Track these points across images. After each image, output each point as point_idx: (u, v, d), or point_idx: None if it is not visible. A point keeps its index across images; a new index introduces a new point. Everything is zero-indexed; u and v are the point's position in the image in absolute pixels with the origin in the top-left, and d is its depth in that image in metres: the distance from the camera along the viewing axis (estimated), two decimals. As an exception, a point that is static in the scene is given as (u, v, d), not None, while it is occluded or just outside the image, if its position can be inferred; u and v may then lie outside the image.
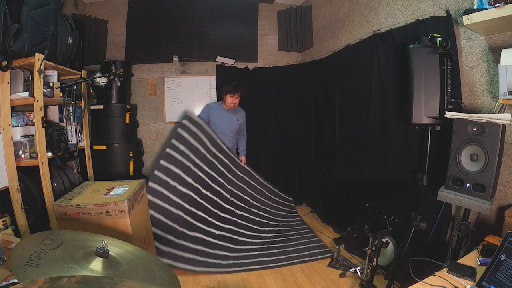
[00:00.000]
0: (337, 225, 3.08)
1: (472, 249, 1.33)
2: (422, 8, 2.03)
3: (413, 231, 1.76)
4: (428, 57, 1.56)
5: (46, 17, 1.95)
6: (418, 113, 1.61)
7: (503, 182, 1.61)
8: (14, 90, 1.89)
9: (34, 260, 0.83)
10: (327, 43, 3.38)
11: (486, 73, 1.68)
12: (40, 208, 2.01)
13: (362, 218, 1.74)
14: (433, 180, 1.75)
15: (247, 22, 3.95)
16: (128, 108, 3.21)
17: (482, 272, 1.05)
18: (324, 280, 2.20)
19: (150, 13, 3.68)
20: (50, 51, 2.06)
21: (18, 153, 1.93)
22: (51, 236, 0.99)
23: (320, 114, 3.48)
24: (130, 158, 3.20)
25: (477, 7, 1.44)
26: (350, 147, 2.89)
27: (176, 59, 3.78)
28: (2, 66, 1.70)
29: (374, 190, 2.46)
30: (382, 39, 2.36)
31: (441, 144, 1.80)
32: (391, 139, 2.32)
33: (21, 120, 2.03)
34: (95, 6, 3.60)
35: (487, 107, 1.68)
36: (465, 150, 1.46)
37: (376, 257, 1.84)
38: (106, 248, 0.97)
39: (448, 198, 1.51)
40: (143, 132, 3.83)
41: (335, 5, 3.18)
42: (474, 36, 1.72)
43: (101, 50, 3.56)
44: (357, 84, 2.72)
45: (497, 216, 1.65)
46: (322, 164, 3.46)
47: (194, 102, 3.90)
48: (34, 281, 0.65)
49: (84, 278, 0.74)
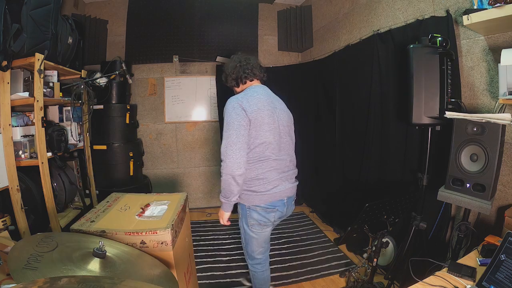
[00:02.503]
0: (337, 225, 3.08)
1: (472, 249, 1.32)
2: (422, 8, 2.03)
3: (413, 231, 1.76)
4: (428, 57, 1.56)
5: (46, 17, 1.95)
6: (418, 113, 1.61)
7: (503, 182, 1.61)
8: (14, 90, 1.89)
9: (32, 263, 0.83)
10: (327, 43, 3.38)
11: (486, 73, 1.67)
12: (40, 208, 2.00)
13: (362, 218, 1.73)
14: (433, 180, 1.75)
15: (247, 22, 3.95)
16: (128, 108, 3.21)
17: (482, 272, 1.05)
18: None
19: (150, 13, 3.68)
20: (50, 51, 2.06)
21: (18, 153, 1.93)
22: (45, 238, 0.99)
23: (320, 114, 3.48)
24: (130, 158, 3.20)
25: (477, 7, 1.44)
26: (350, 147, 2.89)
27: (176, 59, 3.78)
28: (2, 66, 1.70)
29: (374, 190, 2.46)
30: (382, 39, 2.36)
31: (441, 144, 1.80)
32: (391, 139, 2.32)
33: (21, 120, 2.03)
34: (95, 6, 3.60)
35: (487, 107, 1.68)
36: (465, 150, 1.45)
37: (376, 257, 1.84)
38: (103, 249, 0.97)
39: (448, 198, 1.51)
40: (143, 132, 3.83)
41: (335, 5, 3.18)
42: (474, 36, 1.72)
43: (101, 50, 3.56)
44: (357, 84, 2.72)
45: (497, 216, 1.65)
46: (322, 163, 3.46)
47: (194, 102, 3.91)
48: (34, 281, 0.65)
49: (84, 278, 0.75)
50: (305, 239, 2.96)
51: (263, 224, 1.61)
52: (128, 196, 1.71)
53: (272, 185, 1.56)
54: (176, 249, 1.35)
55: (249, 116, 1.46)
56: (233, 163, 1.43)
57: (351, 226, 1.83)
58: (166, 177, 3.95)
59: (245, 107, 1.47)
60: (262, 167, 1.54)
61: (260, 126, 1.49)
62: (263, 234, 1.67)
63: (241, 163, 1.44)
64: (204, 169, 4.04)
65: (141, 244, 1.24)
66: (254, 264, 1.77)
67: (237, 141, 1.43)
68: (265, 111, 1.51)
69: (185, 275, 1.51)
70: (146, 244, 1.25)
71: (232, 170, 1.43)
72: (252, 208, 1.57)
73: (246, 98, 1.51)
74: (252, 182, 1.55)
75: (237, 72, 1.64)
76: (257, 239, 1.67)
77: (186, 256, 1.59)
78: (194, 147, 4.00)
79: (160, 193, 1.73)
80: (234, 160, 1.42)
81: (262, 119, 1.49)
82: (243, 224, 1.67)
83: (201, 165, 4.03)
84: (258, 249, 1.72)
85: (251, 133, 1.49)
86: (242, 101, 1.49)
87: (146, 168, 3.79)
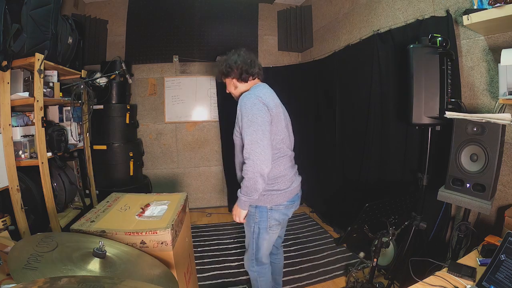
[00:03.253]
0: (337, 225, 3.08)
1: (472, 249, 1.32)
2: (422, 8, 2.03)
3: (413, 231, 1.76)
4: (428, 57, 1.56)
5: (46, 17, 1.95)
6: (418, 113, 1.61)
7: (503, 182, 1.61)
8: (14, 90, 1.89)
9: (32, 263, 0.83)
10: (327, 43, 3.38)
11: (486, 73, 1.67)
12: (40, 208, 2.00)
13: (362, 218, 1.73)
14: (433, 180, 1.75)
15: (247, 22, 3.95)
16: (128, 108, 3.21)
17: (482, 272, 1.05)
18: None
19: (150, 13, 3.67)
20: (50, 51, 2.06)
21: (18, 153, 1.93)
22: (45, 238, 0.99)
23: (320, 114, 3.48)
24: (130, 158, 3.20)
25: (477, 7, 1.44)
26: (350, 147, 2.89)
27: (176, 59, 3.78)
28: (2, 66, 1.70)
29: (374, 190, 2.46)
30: (382, 39, 2.36)
31: (441, 144, 1.80)
32: (391, 139, 2.32)
33: (21, 120, 2.03)
34: (95, 6, 3.60)
35: (487, 107, 1.68)
36: (465, 150, 1.45)
37: (376, 257, 1.84)
38: (103, 249, 0.97)
39: (448, 198, 1.51)
40: (143, 132, 3.83)
41: (335, 5, 3.18)
42: (474, 36, 1.71)
43: (101, 50, 3.56)
44: (357, 84, 2.72)
45: (497, 216, 1.65)
46: (322, 163, 3.46)
47: (194, 102, 3.91)
48: (34, 281, 0.65)
49: (84, 278, 0.75)
50: (311, 240, 2.96)
51: (282, 222, 1.62)
52: (128, 196, 1.70)
53: (291, 181, 1.58)
54: (176, 249, 1.34)
55: (270, 112, 1.44)
56: (261, 160, 1.36)
57: (351, 226, 1.83)
58: (166, 177, 3.95)
59: (267, 102, 1.44)
60: (283, 163, 1.54)
61: (279, 122, 1.48)
62: (276, 234, 1.66)
63: (269, 160, 1.39)
64: (204, 169, 4.04)
65: (141, 244, 1.24)
66: (261, 270, 1.72)
67: (263, 137, 1.38)
68: (280, 107, 1.54)
69: (185, 275, 1.50)
70: (146, 244, 1.24)
71: (260, 168, 1.37)
72: (274, 208, 1.54)
73: (263, 93, 1.48)
74: (275, 180, 1.52)
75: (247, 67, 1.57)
76: (268, 240, 1.64)
77: (186, 256, 1.58)
78: (194, 147, 4.00)
79: (160, 193, 1.73)
80: (262, 157, 1.37)
81: (280, 114, 1.50)
82: (260, 229, 1.58)
83: (201, 165, 4.03)
84: (267, 252, 1.69)
85: (272, 129, 1.45)
86: (261, 96, 1.45)
87: (146, 168, 3.79)
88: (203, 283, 2.25)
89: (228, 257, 2.65)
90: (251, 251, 1.69)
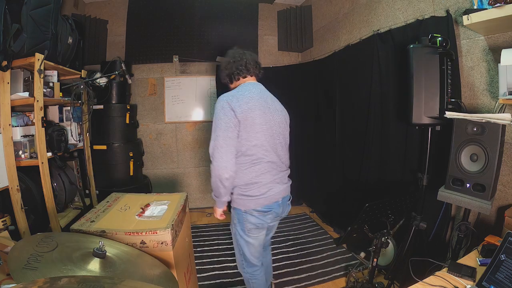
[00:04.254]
0: (337, 225, 3.08)
1: (472, 249, 1.32)
2: (422, 8, 2.03)
3: (413, 231, 1.76)
4: (428, 57, 1.56)
5: (46, 17, 1.95)
6: (418, 113, 1.61)
7: (503, 182, 1.61)
8: (14, 90, 1.89)
9: (32, 263, 0.83)
10: (327, 43, 3.38)
11: (486, 73, 1.67)
12: (40, 208, 2.01)
13: (362, 218, 1.73)
14: (433, 180, 1.75)
15: (247, 22, 3.96)
16: (128, 108, 3.21)
17: (482, 272, 1.05)
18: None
19: (150, 13, 3.68)
20: (50, 51, 2.06)
21: (18, 153, 1.93)
22: (45, 238, 0.99)
23: (320, 114, 3.48)
24: (130, 158, 3.20)
25: (477, 7, 1.44)
26: (350, 147, 2.89)
27: (176, 59, 3.79)
28: (2, 66, 1.70)
29: (374, 190, 2.46)
30: (382, 39, 2.36)
31: (441, 144, 1.80)
32: (391, 139, 2.31)
33: (21, 120, 2.03)
34: (95, 6, 3.60)
35: (487, 107, 1.68)
36: (465, 150, 1.45)
37: (376, 257, 1.84)
38: (103, 249, 0.97)
39: (448, 198, 1.51)
40: (143, 132, 3.83)
41: (335, 5, 3.18)
42: (474, 36, 1.72)
43: (101, 50, 3.56)
44: (357, 84, 2.72)
45: (497, 216, 1.65)
46: (322, 163, 3.46)
47: (194, 102, 3.91)
48: (34, 281, 0.65)
49: (84, 278, 0.75)
50: (311, 241, 2.95)
51: (260, 227, 1.56)
52: (128, 196, 1.69)
53: (267, 188, 1.50)
54: (176, 249, 1.34)
55: (238, 117, 1.38)
56: (220, 167, 1.38)
57: (351, 226, 1.83)
58: (166, 177, 3.95)
59: (234, 106, 1.39)
60: (255, 170, 1.47)
61: (251, 127, 1.42)
62: (260, 238, 1.62)
63: (228, 167, 1.38)
64: (204, 169, 4.04)
65: (141, 244, 1.24)
66: (253, 272, 1.70)
67: (224, 143, 1.37)
68: (256, 110, 1.43)
69: (185, 275, 1.50)
70: (146, 244, 1.24)
71: (219, 173, 1.39)
72: (248, 212, 1.51)
73: (236, 97, 1.43)
74: (247, 187, 1.48)
75: (230, 68, 1.56)
76: (253, 244, 1.61)
77: (186, 256, 1.58)
78: (194, 147, 4.00)
79: (160, 193, 1.73)
80: (220, 163, 1.38)
81: (253, 119, 1.41)
82: (239, 231, 1.58)
83: (201, 165, 4.03)
84: (256, 254, 1.67)
85: (242, 135, 1.41)
86: (232, 100, 1.41)
87: (146, 168, 3.79)
88: (203, 283, 2.25)
89: (228, 257, 2.65)
90: (238, 253, 1.69)
